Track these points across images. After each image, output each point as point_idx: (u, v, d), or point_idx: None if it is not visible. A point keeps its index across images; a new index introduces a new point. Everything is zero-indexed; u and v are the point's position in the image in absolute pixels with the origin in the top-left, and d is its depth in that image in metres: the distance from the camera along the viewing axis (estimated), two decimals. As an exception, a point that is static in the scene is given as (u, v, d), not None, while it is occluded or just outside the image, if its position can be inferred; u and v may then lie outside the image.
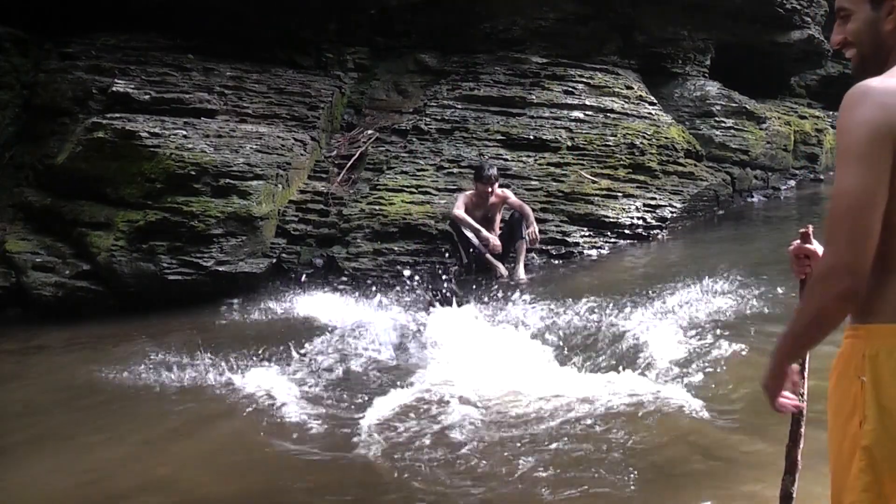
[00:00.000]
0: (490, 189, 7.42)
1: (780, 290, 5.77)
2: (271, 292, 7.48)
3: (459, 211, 7.45)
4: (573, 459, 3.53)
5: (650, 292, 6.32)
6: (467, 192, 7.66)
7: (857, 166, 1.55)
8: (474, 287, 7.05)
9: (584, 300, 6.26)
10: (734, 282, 6.28)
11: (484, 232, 7.39)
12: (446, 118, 9.43)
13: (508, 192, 7.68)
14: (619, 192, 8.87)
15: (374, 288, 7.09)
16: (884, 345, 1.59)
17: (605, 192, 8.78)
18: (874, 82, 1.59)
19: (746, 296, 5.89)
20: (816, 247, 1.90)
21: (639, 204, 8.84)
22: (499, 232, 7.63)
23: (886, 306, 1.60)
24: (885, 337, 1.60)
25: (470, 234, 7.38)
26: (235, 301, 7.26)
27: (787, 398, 1.81)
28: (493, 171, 7.54)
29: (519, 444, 3.75)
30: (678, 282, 6.48)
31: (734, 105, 11.48)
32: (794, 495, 1.88)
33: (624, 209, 8.68)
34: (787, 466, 1.86)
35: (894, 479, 1.55)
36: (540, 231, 8.13)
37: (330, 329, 6.13)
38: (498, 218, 7.66)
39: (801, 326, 1.67)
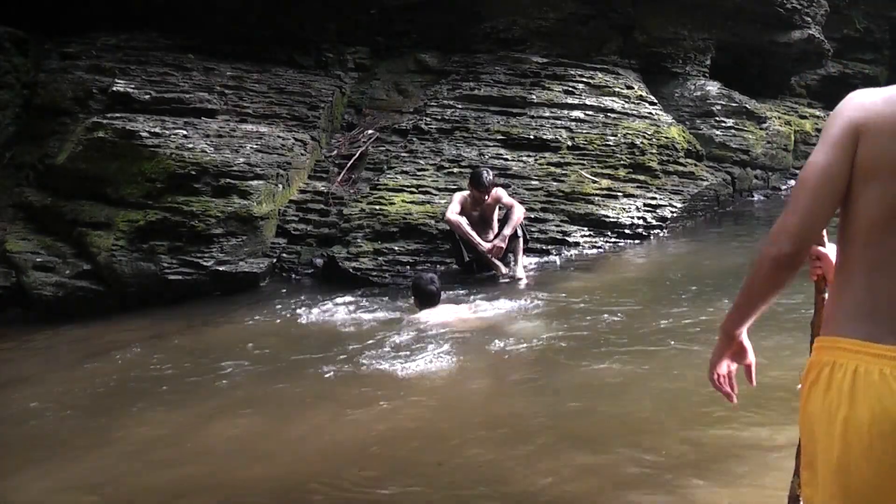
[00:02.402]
0: (486, 196, 7.38)
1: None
2: (271, 291, 7.50)
3: (454, 215, 7.36)
4: (560, 438, 3.54)
5: (649, 290, 6.33)
6: (463, 193, 7.62)
7: (827, 147, 1.70)
8: (475, 285, 7.05)
9: (582, 297, 6.28)
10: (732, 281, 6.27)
11: (483, 245, 7.31)
12: (446, 118, 9.42)
13: (502, 193, 7.62)
14: (619, 191, 8.87)
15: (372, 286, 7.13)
16: (825, 356, 1.67)
17: (605, 192, 8.78)
18: (860, 91, 1.78)
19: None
20: (829, 249, 1.94)
21: (639, 204, 8.83)
22: (496, 231, 7.59)
23: (835, 320, 1.68)
24: (824, 349, 1.69)
25: (474, 236, 7.31)
26: (235, 301, 7.26)
27: (722, 384, 1.93)
28: (490, 178, 7.44)
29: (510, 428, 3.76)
30: (677, 281, 6.49)
31: (734, 105, 11.48)
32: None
33: (624, 209, 8.68)
34: (796, 467, 1.85)
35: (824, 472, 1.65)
36: (540, 231, 8.15)
37: (328, 327, 6.13)
38: (494, 218, 7.62)
39: (744, 291, 1.77)
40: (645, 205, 8.85)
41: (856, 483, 1.57)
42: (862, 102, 1.70)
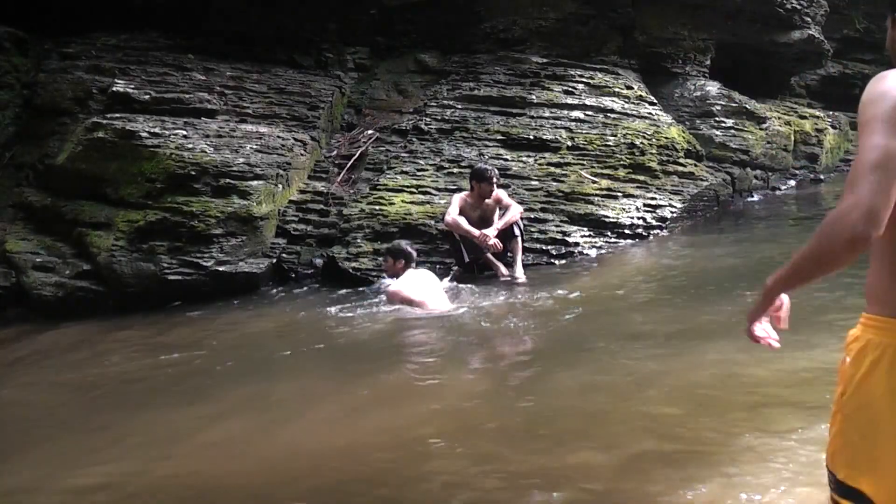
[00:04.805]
0: (492, 189, 7.40)
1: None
2: (271, 292, 7.51)
3: (452, 216, 7.35)
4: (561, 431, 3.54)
5: (649, 290, 6.34)
6: (462, 194, 7.63)
7: (886, 126, 1.64)
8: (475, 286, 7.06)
9: (581, 297, 6.28)
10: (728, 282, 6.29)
11: (473, 231, 7.21)
12: (446, 118, 9.43)
13: (503, 194, 7.65)
14: (619, 191, 8.87)
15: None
16: (886, 337, 1.72)
17: (605, 192, 8.78)
18: (893, 70, 1.73)
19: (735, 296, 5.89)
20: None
21: (639, 204, 8.83)
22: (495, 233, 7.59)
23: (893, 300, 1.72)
24: (885, 330, 1.72)
25: (470, 229, 7.27)
26: (235, 301, 7.27)
27: (764, 332, 1.94)
28: (495, 171, 7.53)
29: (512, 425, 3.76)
30: (677, 282, 6.50)
31: (734, 105, 11.49)
32: None
33: (624, 209, 8.68)
34: None
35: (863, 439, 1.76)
36: (540, 231, 8.14)
37: (327, 328, 6.14)
38: (495, 218, 7.62)
39: (803, 261, 1.72)
40: (645, 205, 8.85)
41: None
42: None
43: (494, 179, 7.41)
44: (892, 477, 1.72)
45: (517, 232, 7.46)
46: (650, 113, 10.11)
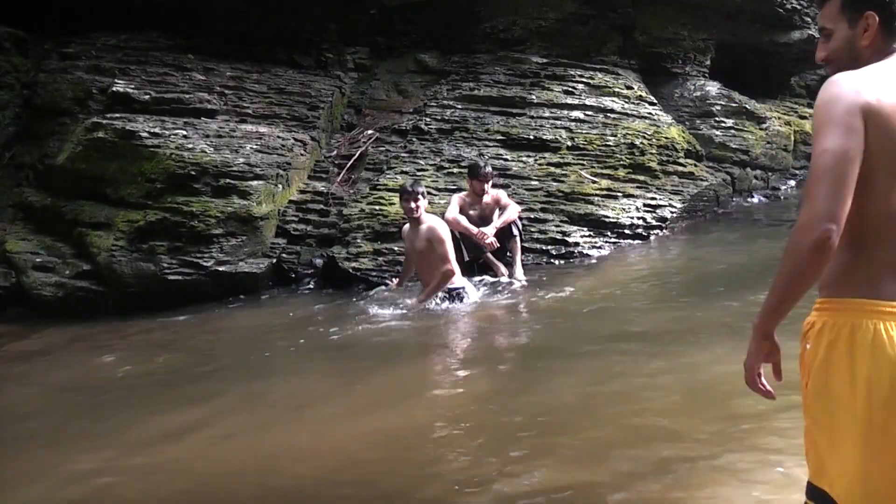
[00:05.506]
0: (485, 186, 7.37)
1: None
2: (270, 292, 7.52)
3: (452, 214, 7.34)
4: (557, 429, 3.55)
5: (649, 290, 6.33)
6: (461, 194, 7.63)
7: (836, 130, 1.71)
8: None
9: (581, 297, 6.28)
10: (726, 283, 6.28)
11: (471, 229, 7.17)
12: (446, 118, 9.42)
13: (502, 194, 7.65)
14: (619, 192, 8.87)
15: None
16: (841, 318, 1.75)
17: (605, 192, 8.78)
18: (843, 74, 1.81)
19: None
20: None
21: (639, 204, 8.83)
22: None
23: (852, 282, 1.75)
24: (840, 311, 1.76)
25: (468, 226, 7.25)
26: (235, 301, 7.27)
27: (763, 385, 1.92)
28: (489, 168, 7.53)
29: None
30: (677, 282, 6.49)
31: (734, 105, 11.48)
32: None
33: (624, 209, 8.68)
34: None
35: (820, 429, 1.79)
36: (540, 231, 8.14)
37: (327, 328, 6.14)
38: (494, 217, 7.61)
39: (780, 283, 1.77)
40: (645, 205, 8.85)
41: (877, 435, 1.68)
42: (857, 88, 1.73)
43: (486, 176, 7.36)
44: (849, 469, 1.70)
45: (515, 231, 7.45)
46: (650, 113, 10.11)
